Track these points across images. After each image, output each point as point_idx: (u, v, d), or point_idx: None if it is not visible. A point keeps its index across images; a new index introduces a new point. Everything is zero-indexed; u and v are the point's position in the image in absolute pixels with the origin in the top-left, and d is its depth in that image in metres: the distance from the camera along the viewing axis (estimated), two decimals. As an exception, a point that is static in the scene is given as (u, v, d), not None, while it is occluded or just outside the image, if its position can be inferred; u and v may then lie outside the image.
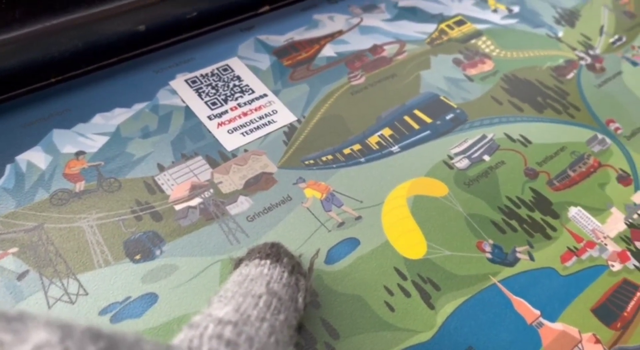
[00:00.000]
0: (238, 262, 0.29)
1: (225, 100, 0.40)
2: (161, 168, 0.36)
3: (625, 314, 0.33)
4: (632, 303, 0.34)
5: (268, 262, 0.27)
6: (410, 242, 0.35)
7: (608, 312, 0.33)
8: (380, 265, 0.33)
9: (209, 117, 0.39)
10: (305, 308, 0.27)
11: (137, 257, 0.32)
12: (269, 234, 0.34)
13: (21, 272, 0.30)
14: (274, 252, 0.28)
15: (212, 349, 0.20)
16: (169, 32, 0.43)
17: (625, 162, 0.42)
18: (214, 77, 0.42)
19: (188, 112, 0.39)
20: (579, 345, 0.32)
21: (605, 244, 0.36)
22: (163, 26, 0.42)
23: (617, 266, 0.35)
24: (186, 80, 0.41)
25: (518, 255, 0.35)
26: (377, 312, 0.31)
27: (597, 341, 0.32)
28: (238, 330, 0.22)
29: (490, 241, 0.35)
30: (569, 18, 0.53)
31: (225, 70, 0.42)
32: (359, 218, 0.35)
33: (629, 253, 0.36)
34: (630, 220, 0.38)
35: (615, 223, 0.38)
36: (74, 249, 0.31)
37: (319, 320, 0.30)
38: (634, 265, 0.36)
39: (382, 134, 0.40)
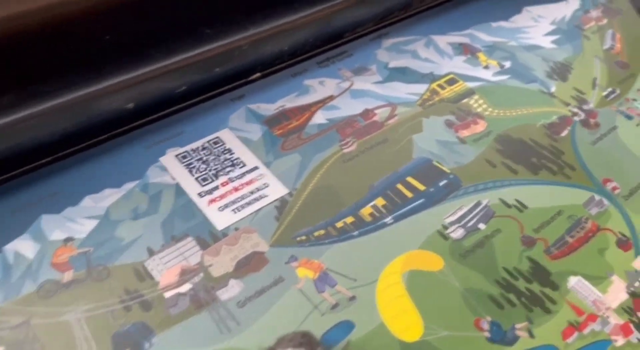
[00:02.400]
0: None
1: (216, 175, 0.40)
2: (151, 252, 0.35)
3: (632, 394, 0.32)
4: (638, 382, 0.33)
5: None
6: (406, 323, 0.34)
7: (613, 393, 0.32)
8: (375, 350, 0.32)
9: (200, 194, 0.39)
10: None
11: (126, 351, 0.31)
12: (261, 321, 0.33)
13: (6, 374, 0.29)
14: (306, 342, 0.29)
15: None
16: (158, 107, 0.43)
17: (624, 225, 0.41)
18: (205, 151, 0.41)
19: (178, 190, 0.39)
20: None
21: (607, 316, 0.36)
22: (152, 102, 0.42)
23: (620, 341, 0.34)
24: (176, 156, 0.41)
25: (517, 332, 0.34)
26: (373, 403, 0.30)
27: None
28: None
29: (488, 318, 0.34)
30: (561, 71, 0.53)
31: (216, 143, 0.42)
32: (353, 298, 0.34)
33: (631, 325, 0.35)
34: (632, 289, 0.37)
35: (617, 293, 0.37)
36: (61, 347, 0.31)
37: None
38: (638, 339, 0.35)
39: (375, 205, 0.40)
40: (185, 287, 0.34)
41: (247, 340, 0.32)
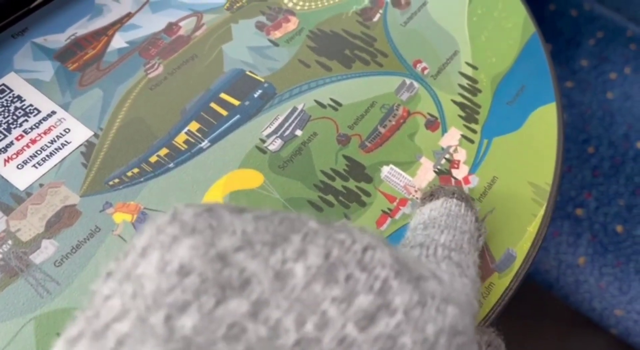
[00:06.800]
0: (430, 195, 0.33)
1: (9, 130, 0.37)
2: (-53, 230, 0.33)
3: (436, 265, 0.36)
4: (442, 252, 0.37)
5: (463, 204, 0.31)
6: (229, 245, 0.35)
7: (421, 267, 0.36)
8: (201, 278, 0.33)
9: (-7, 155, 0.36)
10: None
11: (-61, 339, 0.30)
12: (81, 275, 0.33)
13: None
14: (467, 198, 0.32)
15: (449, 267, 0.25)
16: None
17: (432, 105, 0.43)
18: (-9, 103, 0.38)
19: (-33, 154, 0.36)
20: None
21: (417, 198, 0.39)
22: None
23: (427, 218, 0.38)
24: (-42, 115, 0.37)
25: (336, 231, 0.36)
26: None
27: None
28: (460, 257, 0.27)
29: (309, 223, 0.36)
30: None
31: (2, 92, 0.38)
32: (174, 232, 0.35)
33: (438, 202, 0.39)
34: (438, 167, 0.40)
35: (425, 173, 0.40)
36: None
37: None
38: (443, 213, 0.38)
39: (189, 130, 0.39)
40: (-6, 259, 0.32)
41: (70, 298, 0.32)
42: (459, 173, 0.40)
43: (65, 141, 0.37)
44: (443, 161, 0.40)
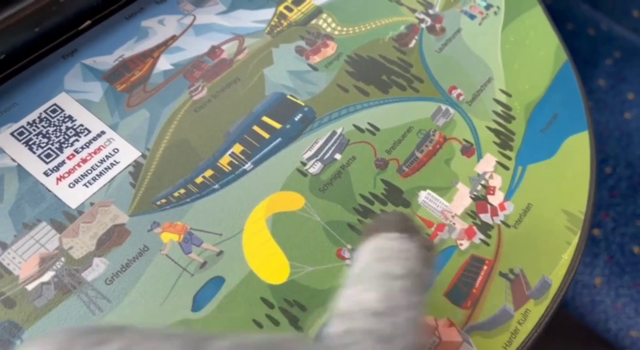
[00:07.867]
0: (369, 231, 0.30)
1: (61, 149, 0.38)
2: (3, 246, 0.34)
3: (474, 290, 0.37)
4: (479, 278, 0.38)
5: (399, 238, 0.28)
6: (273, 267, 0.36)
7: (459, 292, 0.37)
8: (247, 299, 0.34)
9: (46, 173, 0.37)
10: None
11: (-3, 353, 0.31)
12: (131, 294, 0.34)
13: None
14: (408, 227, 0.29)
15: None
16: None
17: (468, 131, 0.44)
18: (44, 123, 0.39)
19: (21, 172, 0.37)
20: (436, 332, 0.35)
21: (454, 223, 0.39)
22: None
23: (465, 244, 0.39)
24: (12, 134, 0.38)
25: (376, 255, 0.37)
26: (249, 349, 0.33)
27: (452, 324, 0.36)
28: (387, 322, 0.24)
29: (349, 246, 0.37)
30: (407, -26, 0.52)
31: (54, 111, 0.39)
32: (220, 253, 0.36)
33: (475, 228, 0.40)
34: (475, 193, 0.41)
35: (462, 199, 0.41)
36: None
37: (194, 373, 0.32)
38: (480, 239, 0.39)
39: (233, 153, 0.40)
40: (48, 276, 0.34)
41: (121, 315, 0.33)
42: (495, 199, 0.41)
43: (115, 161, 0.38)
44: (479, 187, 0.41)
